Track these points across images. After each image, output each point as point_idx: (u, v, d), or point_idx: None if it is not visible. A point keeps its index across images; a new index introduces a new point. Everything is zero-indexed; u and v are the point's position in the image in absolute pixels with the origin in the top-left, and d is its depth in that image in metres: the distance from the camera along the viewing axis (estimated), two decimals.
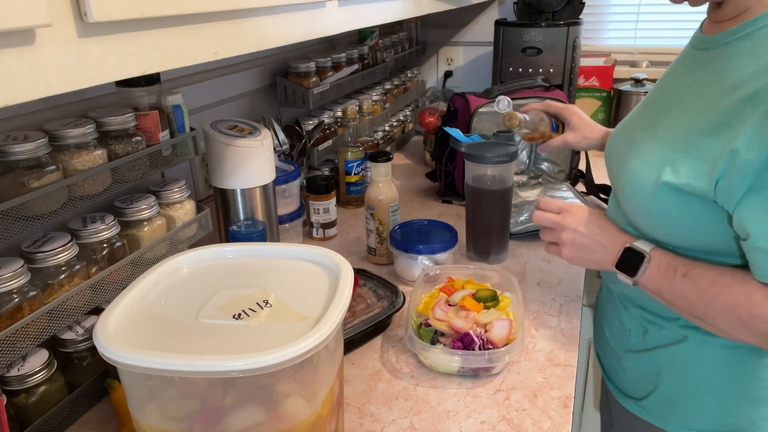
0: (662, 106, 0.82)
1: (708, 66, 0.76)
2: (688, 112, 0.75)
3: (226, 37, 0.60)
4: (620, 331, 0.95)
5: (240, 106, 1.33)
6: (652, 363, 0.89)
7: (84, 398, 0.79)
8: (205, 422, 0.56)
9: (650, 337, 0.88)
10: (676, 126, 0.76)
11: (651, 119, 0.83)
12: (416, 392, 0.83)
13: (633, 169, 0.79)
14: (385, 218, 1.16)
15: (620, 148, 0.86)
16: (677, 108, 0.78)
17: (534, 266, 1.18)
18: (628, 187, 0.80)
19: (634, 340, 0.91)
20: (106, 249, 0.80)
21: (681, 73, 0.83)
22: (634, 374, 0.93)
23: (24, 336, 0.68)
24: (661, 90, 0.86)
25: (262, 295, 0.62)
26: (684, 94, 0.78)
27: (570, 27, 1.78)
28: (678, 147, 0.73)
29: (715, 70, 0.74)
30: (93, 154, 0.77)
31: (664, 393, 0.88)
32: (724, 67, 0.73)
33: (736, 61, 0.71)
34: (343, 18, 0.85)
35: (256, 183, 1.03)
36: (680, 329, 0.84)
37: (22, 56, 0.38)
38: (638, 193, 0.78)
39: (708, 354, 0.83)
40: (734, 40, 0.73)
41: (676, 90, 0.81)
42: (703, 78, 0.76)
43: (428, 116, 1.84)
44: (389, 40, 1.92)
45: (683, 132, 0.74)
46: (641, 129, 0.83)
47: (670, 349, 0.86)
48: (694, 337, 0.83)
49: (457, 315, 0.89)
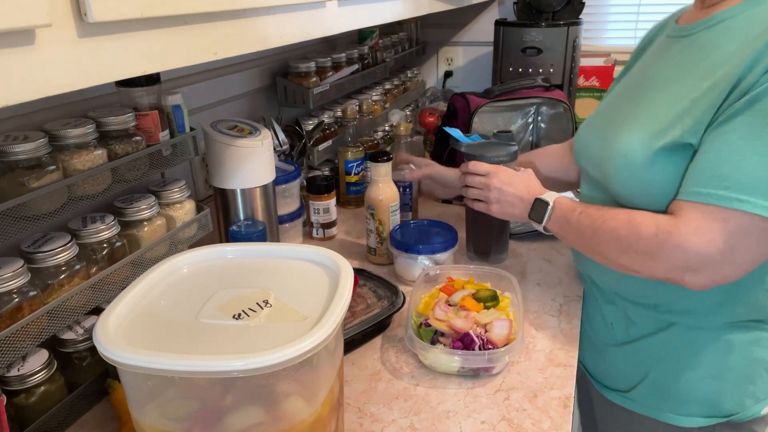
0: (647, 88, 0.87)
1: (692, 46, 0.83)
2: (677, 87, 0.80)
3: (226, 37, 0.60)
4: (602, 326, 0.97)
5: (240, 106, 1.33)
6: (637, 354, 0.91)
7: (84, 398, 0.79)
8: (205, 422, 0.56)
9: (635, 328, 0.91)
10: (666, 100, 0.81)
11: (636, 100, 0.87)
12: (416, 392, 0.83)
13: (625, 145, 0.82)
14: (385, 218, 1.16)
15: (601, 134, 0.92)
16: (664, 86, 0.83)
17: (534, 266, 1.18)
18: (621, 161, 0.83)
19: (617, 334, 0.94)
20: (106, 249, 0.80)
21: (661, 60, 0.88)
22: (618, 367, 0.95)
23: (24, 336, 0.68)
24: (641, 77, 0.92)
25: (262, 295, 0.62)
26: (672, 73, 0.84)
27: (570, 27, 1.78)
28: (671, 115, 0.78)
29: (705, 47, 0.80)
30: (93, 154, 0.77)
31: (653, 382, 0.90)
32: (711, 44, 0.79)
33: (722, 38, 0.78)
34: (343, 18, 0.85)
35: (256, 183, 1.03)
36: (666, 315, 0.87)
37: (22, 56, 0.38)
38: (630, 165, 0.81)
39: (695, 339, 0.85)
40: (719, 23, 0.80)
41: (660, 73, 0.87)
42: (691, 57, 0.82)
43: (428, 116, 1.84)
44: (389, 40, 1.92)
45: (675, 102, 0.79)
46: (628, 110, 0.87)
47: (656, 337, 0.88)
48: (679, 323, 0.86)
49: (457, 315, 0.89)
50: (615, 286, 0.92)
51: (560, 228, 0.90)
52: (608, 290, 0.95)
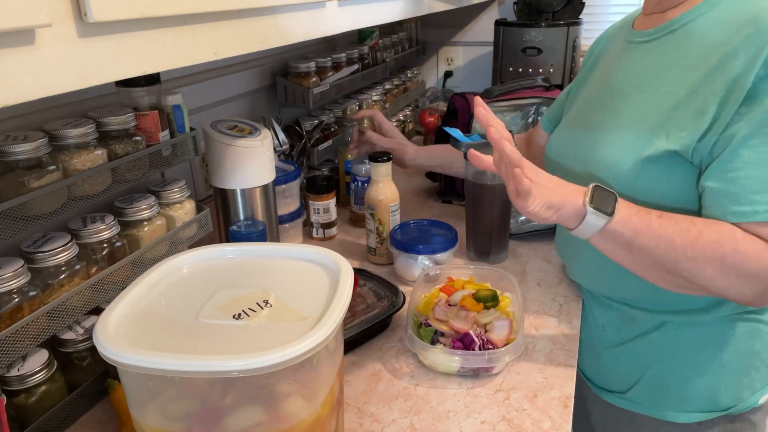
0: (618, 97, 0.84)
1: (657, 52, 0.81)
2: (653, 93, 0.79)
3: (226, 37, 0.60)
4: (595, 330, 0.97)
5: (240, 106, 1.33)
6: (632, 354, 0.92)
7: (84, 398, 0.79)
8: (205, 422, 0.56)
9: (627, 329, 0.91)
10: (644, 107, 0.79)
11: (610, 110, 0.85)
12: (416, 392, 0.83)
13: (606, 156, 0.81)
14: (385, 218, 1.16)
15: (577, 148, 0.88)
16: (638, 93, 0.81)
17: (534, 266, 1.18)
18: (607, 173, 0.80)
19: (610, 336, 0.95)
20: (106, 249, 0.80)
21: (625, 66, 0.86)
22: (614, 369, 0.95)
23: (24, 336, 0.68)
24: (607, 86, 0.89)
25: (262, 295, 0.62)
26: (641, 80, 0.82)
27: (570, 27, 1.78)
28: (652, 124, 0.77)
29: (671, 52, 0.79)
30: (93, 154, 0.77)
31: (649, 381, 0.91)
32: (677, 50, 0.79)
33: (688, 42, 0.78)
34: (343, 18, 0.85)
35: (256, 183, 1.03)
36: (657, 315, 0.87)
37: (22, 56, 0.38)
38: (618, 176, 0.79)
39: (689, 335, 0.86)
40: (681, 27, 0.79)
41: (627, 80, 0.84)
42: (660, 62, 0.80)
43: (428, 116, 1.84)
44: (389, 40, 1.92)
45: (655, 110, 0.77)
46: (602, 122, 0.85)
47: (649, 337, 0.89)
48: (672, 321, 0.87)
49: (457, 315, 0.89)
50: (606, 290, 0.93)
51: (633, 231, 0.72)
52: (598, 294, 0.95)
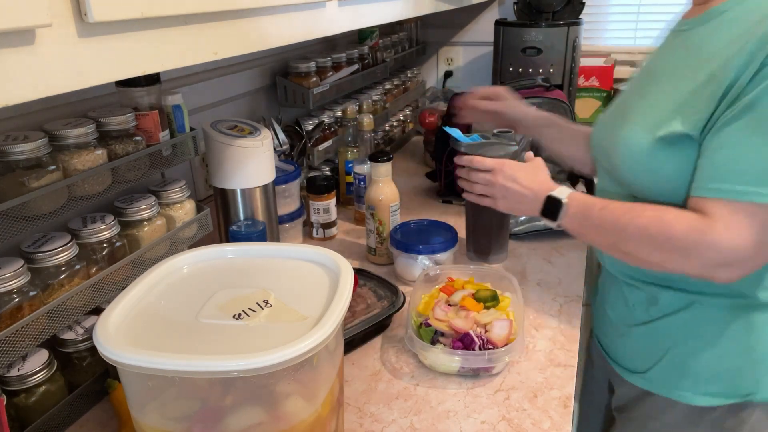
0: (651, 81, 0.89)
1: (689, 41, 0.85)
2: (676, 79, 0.83)
3: (226, 37, 0.60)
4: (624, 309, 0.97)
5: (240, 106, 1.33)
6: (657, 333, 0.91)
7: (84, 398, 0.79)
8: (205, 422, 0.56)
9: (655, 308, 0.91)
10: (666, 92, 0.83)
11: (640, 93, 0.90)
12: (416, 392, 0.83)
13: (629, 135, 0.84)
14: (385, 218, 1.16)
15: (611, 126, 0.93)
16: (665, 79, 0.86)
17: (534, 266, 1.18)
18: (626, 151, 0.85)
19: (638, 315, 0.94)
20: (106, 249, 0.80)
21: (665, 54, 0.91)
22: (637, 347, 0.95)
23: (24, 336, 0.68)
24: (647, 70, 0.94)
25: (262, 295, 0.62)
26: (671, 67, 0.86)
27: (570, 27, 1.78)
28: (671, 107, 0.80)
29: (702, 40, 0.82)
30: (93, 154, 0.77)
31: (671, 361, 0.90)
32: (705, 39, 0.82)
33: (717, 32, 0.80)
34: (343, 18, 0.85)
35: (256, 183, 1.03)
36: (687, 295, 0.87)
37: (22, 56, 0.38)
38: (635, 155, 0.83)
39: (715, 316, 0.86)
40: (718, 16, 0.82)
41: (662, 66, 0.89)
42: (688, 51, 0.84)
43: (428, 116, 1.84)
44: (389, 40, 1.92)
45: (675, 94, 0.81)
46: (632, 104, 0.90)
47: (676, 316, 0.89)
48: (700, 301, 0.86)
49: (457, 315, 0.89)
50: (634, 272, 0.93)
51: (578, 225, 0.87)
52: (626, 276, 0.95)
